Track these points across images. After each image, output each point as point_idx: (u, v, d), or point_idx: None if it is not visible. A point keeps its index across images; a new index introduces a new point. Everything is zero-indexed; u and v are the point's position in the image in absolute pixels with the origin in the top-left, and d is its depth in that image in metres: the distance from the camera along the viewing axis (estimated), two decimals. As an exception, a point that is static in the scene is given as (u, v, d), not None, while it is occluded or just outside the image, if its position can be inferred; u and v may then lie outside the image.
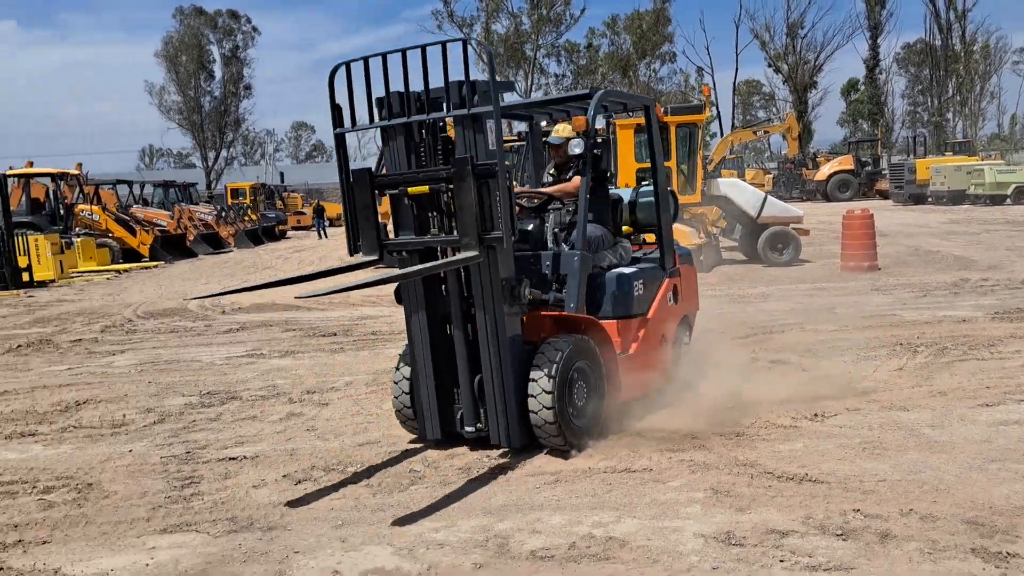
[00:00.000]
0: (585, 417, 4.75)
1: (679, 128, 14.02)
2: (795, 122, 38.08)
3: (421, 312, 4.71)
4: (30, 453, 5.23)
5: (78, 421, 5.95)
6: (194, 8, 57.15)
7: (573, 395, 4.66)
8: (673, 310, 5.78)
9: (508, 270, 4.51)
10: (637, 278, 5.35)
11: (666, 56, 62.59)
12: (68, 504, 4.25)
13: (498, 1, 58.27)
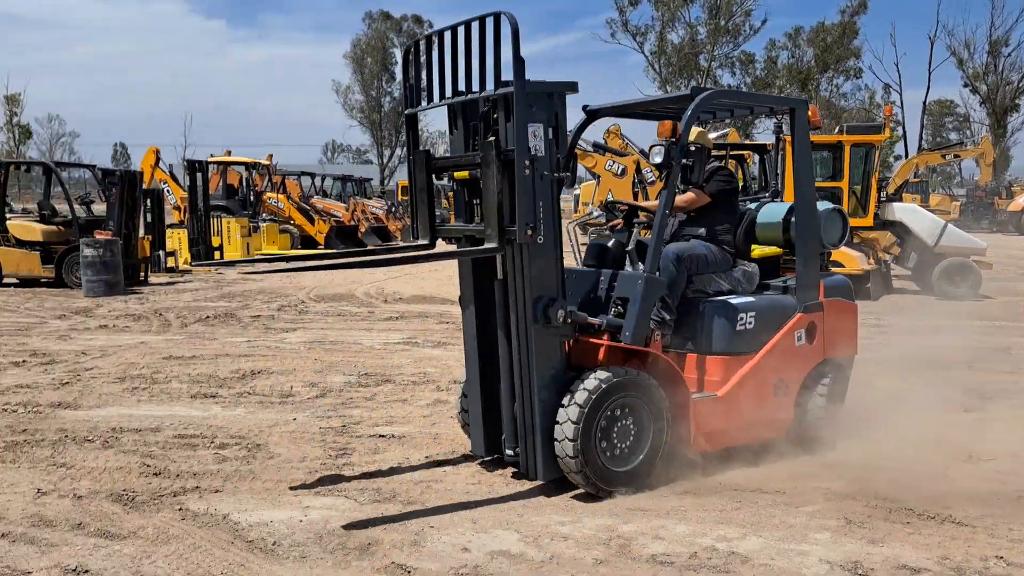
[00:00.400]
0: (626, 460, 4.25)
1: (854, 148, 13.43)
2: (990, 147, 35.11)
3: (471, 320, 4.52)
4: (210, 412, 5.84)
5: (252, 388, 6.57)
6: (381, 13, 60.31)
7: (612, 433, 4.19)
8: (803, 352, 4.97)
9: (542, 283, 4.14)
10: (746, 309, 4.73)
11: (851, 71, 59.67)
12: (239, 460, 4.75)
13: (674, 11, 57.57)
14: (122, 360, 7.66)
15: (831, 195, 13.52)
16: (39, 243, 13.78)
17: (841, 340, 5.21)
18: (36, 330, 9.40)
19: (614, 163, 17.46)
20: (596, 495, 4.16)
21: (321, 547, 3.57)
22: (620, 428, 4.23)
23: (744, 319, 4.73)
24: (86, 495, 4.16)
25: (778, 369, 4.85)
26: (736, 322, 4.70)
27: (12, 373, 7.08)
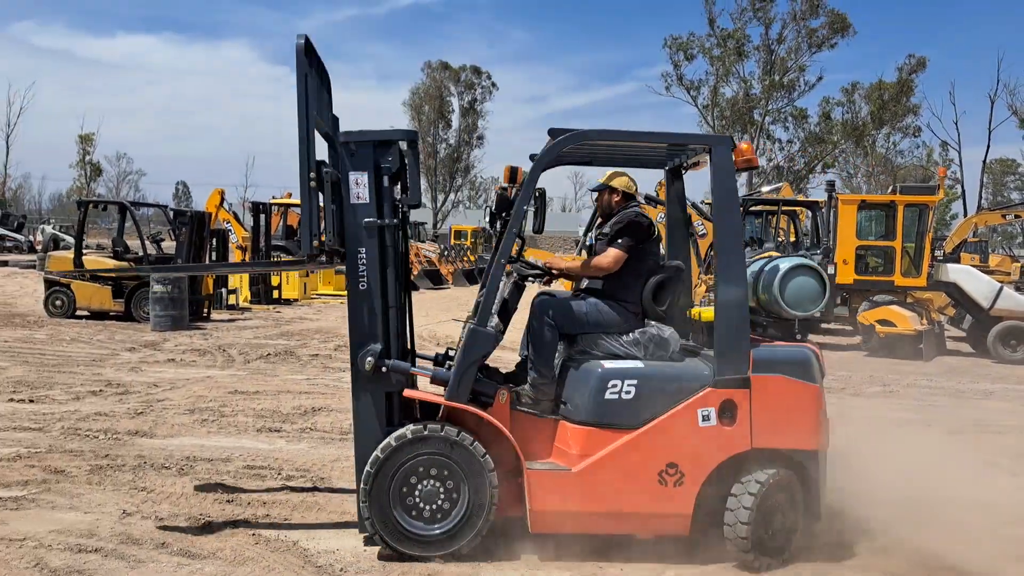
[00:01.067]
0: (435, 523, 3.97)
1: (908, 208, 13.49)
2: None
3: None
4: (275, 446, 6.17)
5: (313, 424, 6.89)
6: (441, 63, 61.95)
7: (415, 493, 3.97)
8: (713, 436, 4.08)
9: (362, 330, 4.13)
10: (622, 376, 4.10)
11: (908, 129, 59.29)
12: (304, 492, 5.05)
13: (728, 66, 58.07)
14: (191, 393, 8.07)
15: (883, 254, 13.60)
16: (112, 278, 14.47)
17: (783, 428, 4.18)
18: (109, 361, 9.91)
19: (664, 216, 17.68)
20: (397, 555, 3.93)
21: (384, 574, 3.81)
22: (425, 489, 3.97)
23: (619, 386, 4.09)
24: (167, 517, 4.48)
25: (665, 453, 4.06)
26: (606, 389, 4.08)
27: (90, 402, 7.53)
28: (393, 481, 3.94)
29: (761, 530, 4.04)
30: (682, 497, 4.05)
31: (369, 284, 4.17)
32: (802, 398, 4.20)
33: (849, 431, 5.59)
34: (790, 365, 4.23)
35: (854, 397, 9.19)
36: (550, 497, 4.01)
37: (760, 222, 21.22)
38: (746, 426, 4.09)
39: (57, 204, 78.29)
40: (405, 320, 4.40)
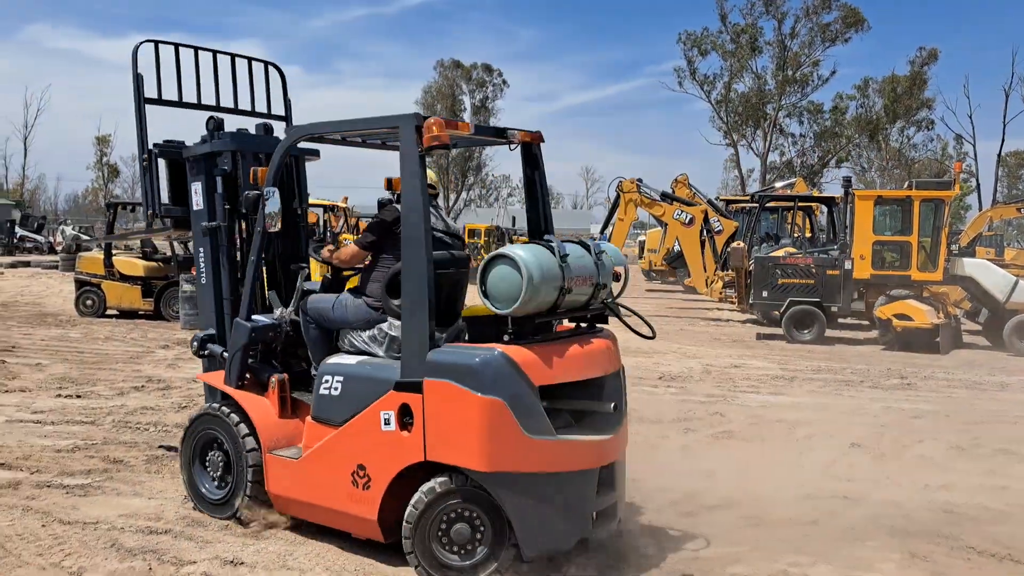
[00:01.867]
0: (219, 491, 4.54)
1: (924, 203, 13.63)
2: (1069, 201, 34.59)
3: None
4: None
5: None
6: (453, 61, 62.24)
7: (206, 462, 4.61)
8: (397, 442, 3.83)
9: (200, 319, 5.22)
10: (332, 372, 4.15)
11: (922, 122, 59.12)
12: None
13: (742, 61, 58.05)
14: (229, 388, 8.35)
15: (900, 249, 13.75)
16: (140, 278, 14.80)
17: (452, 441, 3.72)
18: (146, 359, 10.23)
19: (682, 212, 17.88)
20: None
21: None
22: (212, 458, 4.59)
23: (329, 383, 4.14)
24: (225, 503, 4.75)
25: (356, 454, 3.96)
26: (320, 385, 4.17)
27: (135, 397, 7.83)
28: (193, 450, 4.69)
29: (438, 549, 3.76)
30: (368, 501, 3.90)
31: (206, 278, 5.03)
32: (465, 410, 3.67)
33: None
34: (458, 371, 3.71)
35: (872, 389, 9.38)
36: (280, 482, 4.28)
37: (775, 218, 21.39)
38: (420, 435, 3.77)
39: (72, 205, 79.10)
40: (243, 309, 4.60)
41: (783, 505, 5.03)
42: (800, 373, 10.38)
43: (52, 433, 6.29)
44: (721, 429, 7.06)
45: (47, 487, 4.96)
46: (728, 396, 8.67)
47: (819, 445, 6.58)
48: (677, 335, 14.66)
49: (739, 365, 11.01)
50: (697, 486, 5.36)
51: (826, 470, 5.89)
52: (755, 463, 6.02)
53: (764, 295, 13.96)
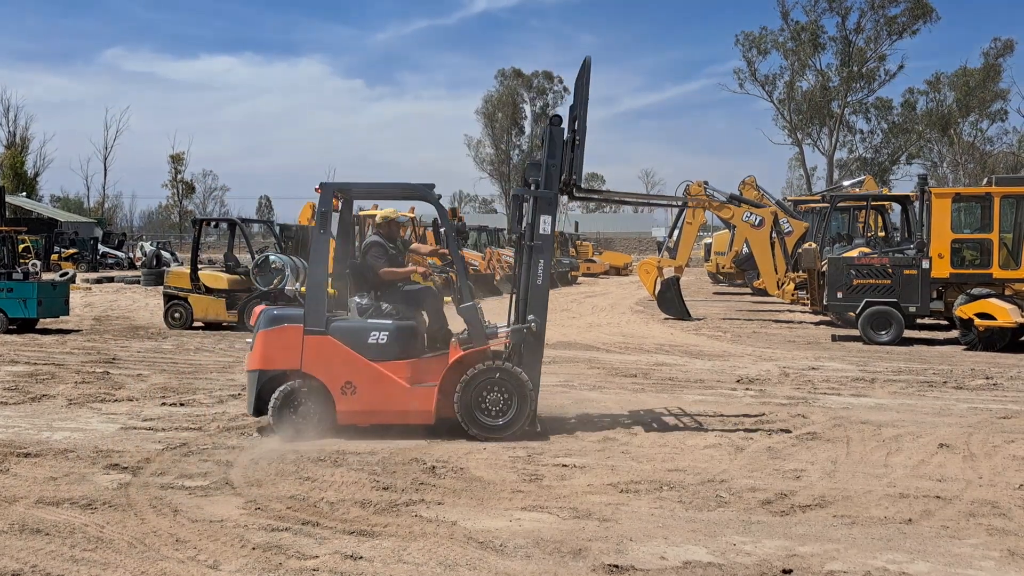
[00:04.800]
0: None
1: (1004, 199, 13.32)
2: None
3: None
4: (411, 443, 6.67)
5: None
6: (513, 70, 62.74)
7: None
8: None
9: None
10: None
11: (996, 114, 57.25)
12: (450, 479, 5.55)
13: (804, 59, 57.08)
14: (319, 395, 8.70)
15: (980, 246, 13.45)
16: (225, 291, 15.41)
17: None
18: (236, 368, 10.69)
19: (751, 214, 17.77)
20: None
21: (540, 549, 4.27)
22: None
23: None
24: (335, 502, 5.04)
25: None
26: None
27: (233, 404, 8.23)
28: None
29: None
30: None
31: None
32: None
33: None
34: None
35: (957, 390, 9.25)
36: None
37: (846, 217, 21.05)
38: None
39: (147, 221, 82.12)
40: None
41: (875, 504, 5.09)
42: (880, 375, 10.28)
43: (164, 439, 6.70)
44: (805, 431, 7.10)
45: (171, 488, 5.32)
46: (809, 398, 8.67)
47: (907, 446, 6.57)
48: (751, 338, 14.60)
49: (817, 367, 10.94)
50: (787, 486, 5.45)
51: (916, 470, 5.90)
52: (843, 464, 6.06)
53: (839, 296, 13.81)
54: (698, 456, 6.26)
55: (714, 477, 5.69)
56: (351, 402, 6.67)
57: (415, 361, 6.79)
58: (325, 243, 6.79)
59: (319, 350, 6.67)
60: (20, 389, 8.87)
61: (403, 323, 6.91)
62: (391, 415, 6.78)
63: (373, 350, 6.71)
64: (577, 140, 7.02)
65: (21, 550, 4.24)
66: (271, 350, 6.75)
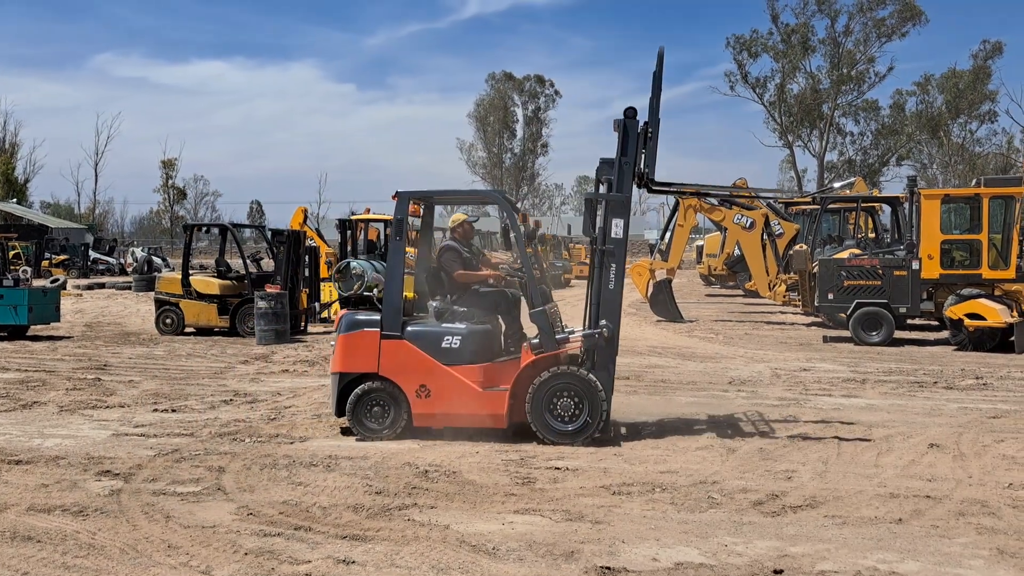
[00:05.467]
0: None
1: (993, 200, 13.41)
2: None
3: None
4: (404, 445, 6.69)
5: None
6: (504, 74, 62.81)
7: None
8: None
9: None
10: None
11: (986, 116, 57.56)
12: (442, 483, 5.56)
13: (795, 62, 57.32)
14: (313, 400, 8.70)
15: (969, 247, 13.54)
16: (216, 296, 15.39)
17: None
18: (228, 373, 10.68)
19: (743, 216, 17.85)
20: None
21: (533, 552, 4.28)
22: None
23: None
24: (328, 507, 5.04)
25: None
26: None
27: (225, 410, 8.22)
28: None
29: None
30: None
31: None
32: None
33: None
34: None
35: (947, 390, 9.30)
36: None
37: (836, 219, 21.14)
38: None
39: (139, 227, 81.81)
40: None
41: (866, 504, 5.12)
42: (871, 375, 10.33)
43: (156, 445, 6.68)
44: (797, 432, 7.13)
45: (163, 494, 5.31)
46: (800, 399, 8.71)
47: (897, 446, 6.61)
48: (742, 339, 14.65)
49: (808, 368, 10.99)
50: (779, 487, 5.48)
51: (906, 470, 5.94)
52: (834, 464, 6.09)
53: (830, 297, 13.88)
54: (690, 458, 6.29)
55: (706, 478, 5.72)
56: (425, 405, 6.79)
57: (488, 365, 6.83)
58: (401, 249, 6.94)
59: (395, 354, 6.82)
60: (11, 396, 8.84)
61: (476, 327, 6.95)
62: (464, 419, 6.82)
63: (446, 354, 6.79)
64: (650, 132, 6.94)
65: (13, 557, 4.23)
66: (350, 353, 6.92)
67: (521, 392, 6.74)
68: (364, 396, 6.85)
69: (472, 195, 7.57)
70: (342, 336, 7.02)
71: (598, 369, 6.76)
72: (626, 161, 6.87)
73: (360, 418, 6.86)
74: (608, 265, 6.86)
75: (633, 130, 6.89)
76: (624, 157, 6.87)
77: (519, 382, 6.76)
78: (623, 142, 6.88)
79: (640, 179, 7.06)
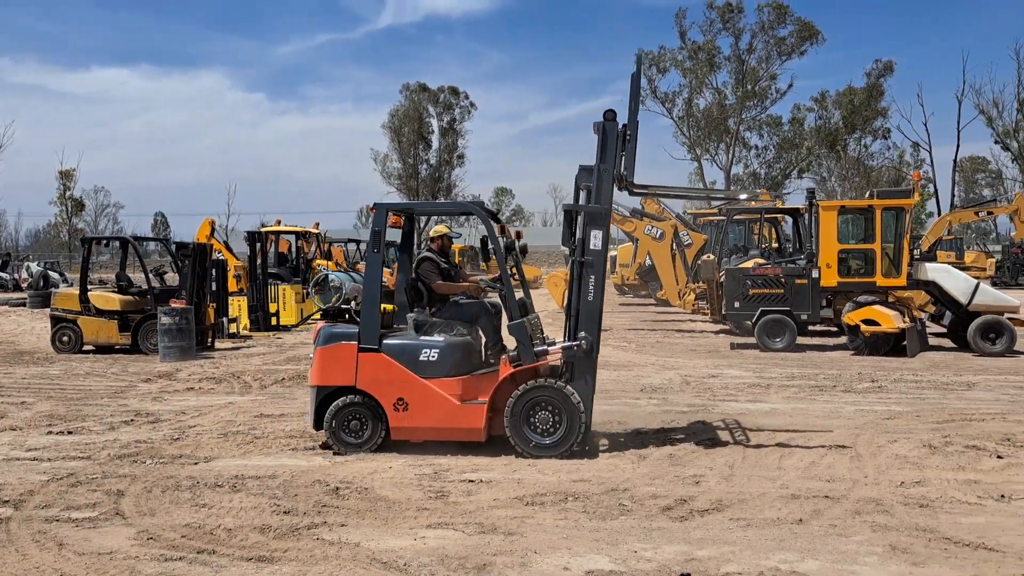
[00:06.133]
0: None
1: (885, 211, 14.08)
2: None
3: None
4: (314, 462, 6.57)
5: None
6: (419, 84, 62.56)
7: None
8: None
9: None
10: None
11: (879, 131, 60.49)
12: (354, 500, 5.46)
13: (701, 77, 59.11)
14: (219, 418, 8.44)
15: (864, 256, 14.19)
16: (117, 312, 14.76)
17: None
18: (130, 393, 10.26)
19: (653, 228, 18.25)
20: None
21: (445, 567, 4.25)
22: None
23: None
24: (234, 528, 4.89)
25: None
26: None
27: (126, 431, 7.89)
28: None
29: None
30: None
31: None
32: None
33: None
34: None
35: (845, 393, 9.71)
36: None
37: (742, 230, 21.86)
38: None
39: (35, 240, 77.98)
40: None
41: (769, 506, 5.28)
42: (775, 380, 10.70)
43: (50, 469, 6.36)
44: (705, 437, 7.31)
45: (56, 521, 5.05)
46: (709, 405, 8.94)
47: (799, 448, 6.85)
48: (654, 347, 14.95)
49: (716, 375, 11.30)
50: (687, 492, 5.60)
51: (807, 472, 6.16)
52: (739, 467, 6.27)
53: (736, 306, 14.31)
54: (602, 466, 6.37)
55: (617, 486, 5.80)
56: (403, 419, 6.70)
57: (466, 378, 6.74)
58: (378, 262, 6.85)
59: (373, 367, 6.74)
60: None
61: (455, 340, 6.87)
62: (442, 432, 6.74)
63: (424, 367, 6.71)
64: (628, 134, 6.86)
65: None
66: (328, 367, 6.85)
67: (500, 405, 6.70)
68: (342, 410, 6.75)
69: (451, 207, 7.93)
70: (320, 349, 6.91)
71: (577, 381, 6.72)
72: (604, 168, 6.80)
73: (337, 432, 6.77)
74: (587, 276, 6.82)
75: (612, 132, 6.81)
76: (603, 164, 6.80)
77: (498, 395, 6.72)
78: (602, 145, 6.82)
79: (620, 181, 7.05)
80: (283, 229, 26.51)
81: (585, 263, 6.85)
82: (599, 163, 6.84)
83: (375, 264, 6.87)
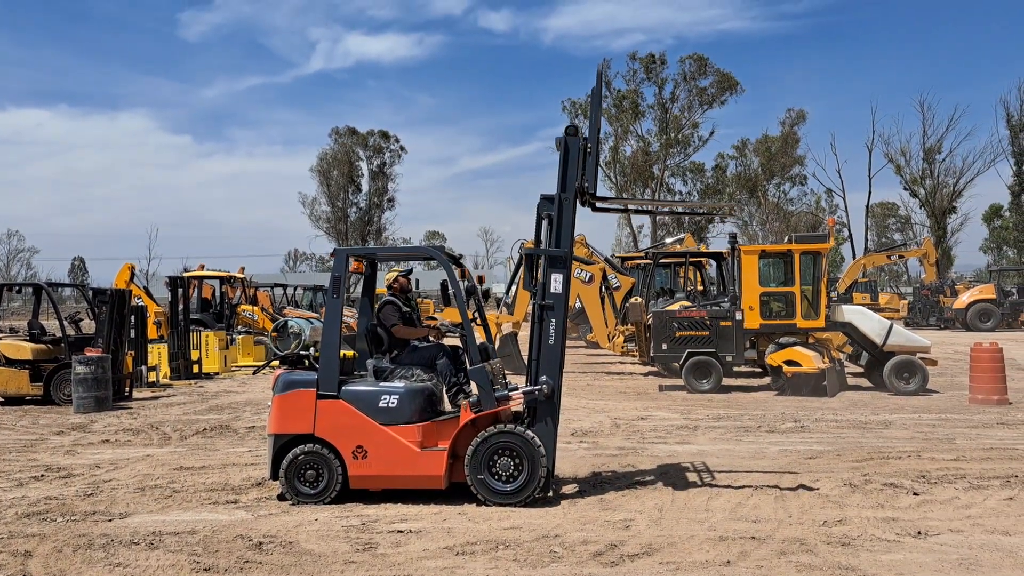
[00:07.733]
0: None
1: (803, 255, 14.59)
2: (932, 248, 37.38)
3: None
4: (236, 516, 6.35)
5: (268, 495, 7.08)
6: (348, 128, 62.54)
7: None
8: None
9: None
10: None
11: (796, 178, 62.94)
12: (278, 555, 5.29)
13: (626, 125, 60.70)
14: (136, 472, 8.10)
15: (785, 299, 14.64)
16: (28, 361, 14.12)
17: None
18: (40, 446, 9.78)
19: (582, 271, 18.48)
20: None
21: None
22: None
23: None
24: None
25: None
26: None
27: (35, 487, 7.50)
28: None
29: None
30: None
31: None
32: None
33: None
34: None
35: (769, 434, 9.92)
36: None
37: (668, 273, 22.35)
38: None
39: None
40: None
41: (697, 548, 5.33)
42: (703, 422, 10.86)
43: (-51, 531, 5.98)
44: (635, 480, 7.36)
45: (-46, 588, 4.75)
46: (638, 448, 9.01)
47: (726, 489, 6.95)
48: (584, 390, 15.03)
49: (645, 417, 11.42)
50: (617, 536, 5.61)
51: (734, 512, 6.25)
52: (668, 510, 6.32)
53: (664, 348, 14.55)
54: (533, 512, 6.33)
55: (548, 532, 5.77)
56: (362, 467, 6.53)
57: (426, 425, 6.61)
58: (338, 307, 6.74)
59: (331, 414, 6.60)
60: None
61: (414, 386, 6.75)
62: (402, 480, 6.58)
63: (383, 414, 6.57)
64: (590, 148, 6.88)
65: None
66: (286, 414, 6.69)
67: (461, 451, 6.61)
68: (297, 459, 6.57)
69: (411, 251, 7.78)
70: (277, 396, 6.74)
71: (538, 425, 6.67)
72: (566, 197, 6.80)
73: (292, 482, 6.59)
74: (548, 320, 6.81)
75: (574, 147, 6.83)
76: (564, 193, 6.80)
77: (458, 441, 6.62)
78: (564, 160, 6.83)
79: (582, 195, 7.02)
80: (206, 274, 25.92)
81: (545, 306, 6.86)
82: (560, 191, 6.86)
83: (335, 309, 6.77)
